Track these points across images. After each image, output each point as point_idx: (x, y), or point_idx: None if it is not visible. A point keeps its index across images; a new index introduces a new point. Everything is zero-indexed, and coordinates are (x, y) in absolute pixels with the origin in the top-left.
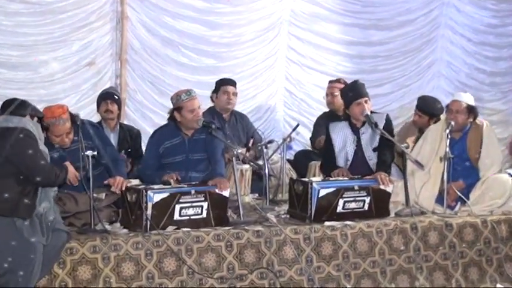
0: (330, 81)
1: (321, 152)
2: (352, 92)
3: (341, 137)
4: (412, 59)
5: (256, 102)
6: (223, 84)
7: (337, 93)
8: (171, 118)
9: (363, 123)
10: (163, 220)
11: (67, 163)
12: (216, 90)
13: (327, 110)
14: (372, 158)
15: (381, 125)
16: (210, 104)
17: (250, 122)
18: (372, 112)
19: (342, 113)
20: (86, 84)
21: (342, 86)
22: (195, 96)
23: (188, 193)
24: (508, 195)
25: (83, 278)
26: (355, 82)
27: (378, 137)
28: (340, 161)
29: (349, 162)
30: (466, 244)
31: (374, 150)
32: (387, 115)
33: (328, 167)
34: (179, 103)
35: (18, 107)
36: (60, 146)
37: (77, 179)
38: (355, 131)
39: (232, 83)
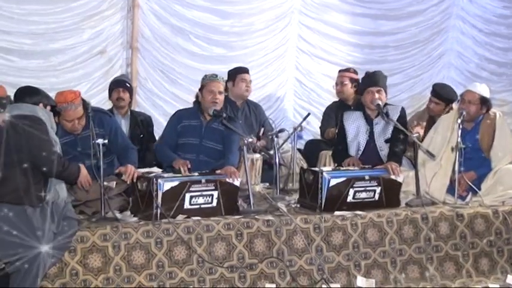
0: (340, 71)
1: (331, 141)
2: (368, 79)
3: (354, 126)
4: (422, 50)
5: (266, 91)
6: (241, 72)
7: (347, 82)
8: (197, 101)
9: (377, 114)
10: (173, 209)
11: (81, 165)
12: (232, 79)
13: (336, 99)
14: (383, 149)
15: (395, 117)
16: None
17: (263, 111)
18: (386, 104)
19: (351, 102)
20: (97, 72)
21: (352, 75)
22: (219, 80)
23: (199, 182)
24: None
25: (93, 266)
26: (375, 71)
27: (391, 129)
28: (352, 150)
29: (360, 152)
30: (477, 235)
31: (386, 141)
32: (402, 108)
33: (340, 156)
34: (203, 82)
35: (31, 95)
36: (71, 131)
37: (88, 184)
38: (369, 121)
39: (247, 71)
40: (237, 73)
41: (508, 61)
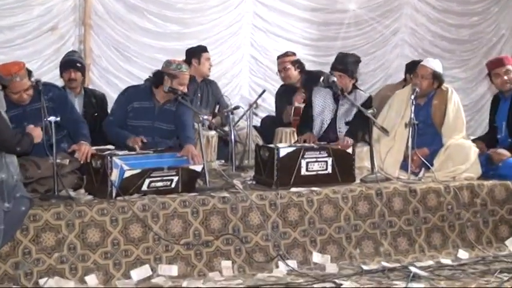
0: (278, 57)
1: (290, 124)
2: (335, 61)
3: (321, 102)
4: (376, 27)
5: (221, 68)
6: (205, 51)
7: (289, 66)
8: (153, 81)
9: (344, 96)
10: (130, 190)
11: (30, 127)
12: (197, 57)
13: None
14: (342, 131)
15: (359, 103)
16: None
17: (219, 88)
18: (356, 88)
19: (299, 84)
20: (48, 49)
21: (292, 57)
22: (187, 71)
23: (161, 169)
24: (471, 162)
25: (46, 245)
26: (345, 55)
27: (353, 113)
28: (316, 126)
29: (323, 129)
30: (430, 210)
31: (346, 123)
32: (370, 97)
33: (303, 129)
34: (176, 72)
35: None
36: (18, 102)
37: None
38: (336, 100)
39: (207, 49)
40: (202, 51)
41: (459, 38)
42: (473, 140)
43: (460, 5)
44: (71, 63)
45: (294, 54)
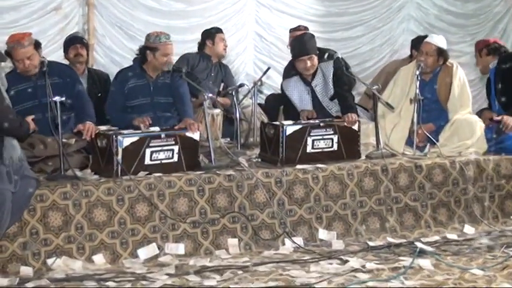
0: (291, 30)
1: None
2: (297, 47)
3: (296, 92)
4: (382, 1)
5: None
6: (220, 32)
7: None
8: (140, 58)
9: (313, 76)
10: (134, 165)
11: (28, 119)
12: (212, 38)
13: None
14: (331, 108)
15: (331, 73)
16: (180, 49)
17: (231, 74)
18: (319, 63)
19: None
20: (52, 29)
21: (302, 31)
22: (171, 42)
23: (158, 137)
24: (477, 137)
25: (54, 225)
26: (302, 36)
27: (331, 85)
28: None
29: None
30: (435, 185)
31: (331, 99)
32: (336, 59)
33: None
34: (156, 43)
35: None
36: (24, 72)
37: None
38: (307, 83)
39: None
40: (215, 32)
41: (466, 12)
42: (482, 110)
43: None
44: (77, 39)
45: (306, 28)
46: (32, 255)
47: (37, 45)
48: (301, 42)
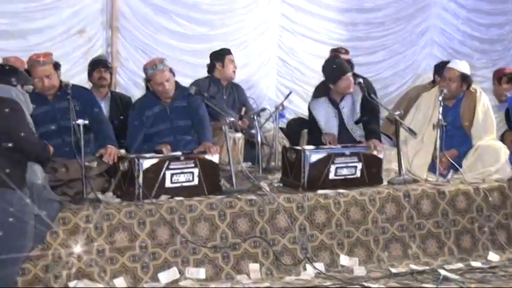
0: (332, 50)
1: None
2: (342, 66)
3: (323, 113)
4: (405, 26)
5: (248, 70)
6: (229, 54)
7: None
8: (148, 87)
9: (342, 98)
10: (155, 188)
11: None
12: (221, 60)
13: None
14: (355, 131)
15: (359, 98)
16: (201, 72)
17: (244, 92)
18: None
19: None
20: (76, 52)
21: (344, 56)
22: (162, 69)
23: (177, 159)
24: (501, 163)
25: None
26: (338, 57)
27: (358, 109)
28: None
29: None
30: (459, 212)
31: (356, 122)
32: (361, 83)
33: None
34: (147, 76)
35: (8, 74)
36: (42, 91)
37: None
38: (335, 105)
39: (231, 52)
40: (225, 54)
41: (489, 37)
42: (505, 132)
43: (489, 4)
44: (101, 62)
45: (347, 52)
46: (53, 278)
47: (56, 66)
48: (342, 62)
